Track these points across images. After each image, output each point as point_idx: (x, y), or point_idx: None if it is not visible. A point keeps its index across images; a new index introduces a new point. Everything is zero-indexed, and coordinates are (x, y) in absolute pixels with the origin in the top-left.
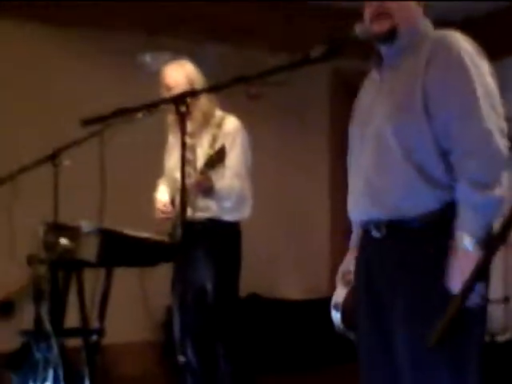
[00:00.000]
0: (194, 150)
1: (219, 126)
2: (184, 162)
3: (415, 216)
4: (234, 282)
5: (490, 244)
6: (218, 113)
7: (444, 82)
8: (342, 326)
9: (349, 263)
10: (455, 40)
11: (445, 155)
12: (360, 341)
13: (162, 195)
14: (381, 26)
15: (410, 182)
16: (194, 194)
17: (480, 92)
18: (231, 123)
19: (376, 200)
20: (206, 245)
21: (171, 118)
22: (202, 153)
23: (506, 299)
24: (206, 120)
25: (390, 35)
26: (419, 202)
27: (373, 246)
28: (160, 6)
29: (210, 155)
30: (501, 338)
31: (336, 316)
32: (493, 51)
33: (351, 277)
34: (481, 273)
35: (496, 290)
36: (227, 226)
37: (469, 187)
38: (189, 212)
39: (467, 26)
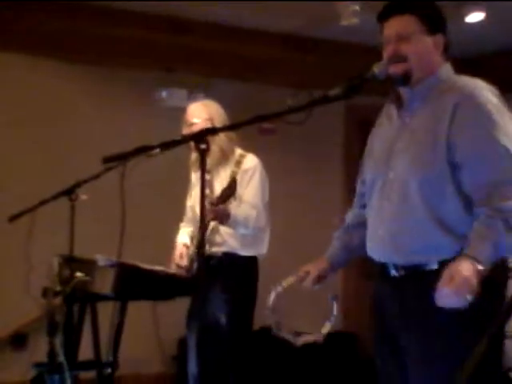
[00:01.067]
0: (211, 185)
1: (239, 163)
2: (204, 198)
3: (433, 262)
4: (247, 316)
5: None
6: (238, 151)
7: (473, 137)
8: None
9: (317, 267)
10: (480, 91)
11: (467, 206)
12: (379, 368)
13: (182, 238)
14: (396, 69)
15: (429, 234)
16: (208, 221)
17: (510, 144)
18: (250, 161)
19: (395, 247)
20: (221, 279)
21: (194, 156)
22: (219, 189)
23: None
24: (225, 156)
25: (404, 78)
26: (437, 252)
27: (390, 284)
28: (176, 43)
29: (222, 189)
30: None
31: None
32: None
33: (308, 276)
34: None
35: (510, 324)
36: (243, 260)
37: (504, 230)
38: (206, 247)
39: (479, 63)
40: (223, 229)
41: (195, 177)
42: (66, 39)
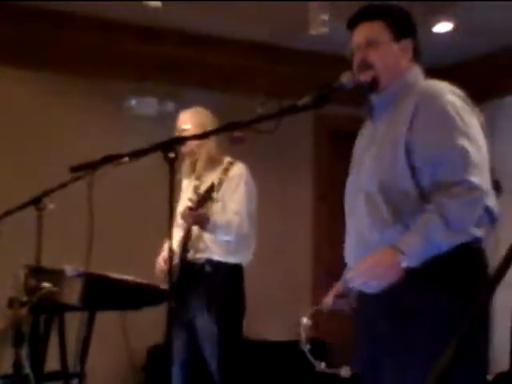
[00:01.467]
0: (198, 191)
1: (226, 170)
2: (172, 208)
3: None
4: (235, 324)
5: (487, 286)
6: (227, 159)
7: (431, 138)
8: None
9: (336, 287)
10: (440, 93)
11: None
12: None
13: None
14: (364, 76)
15: (396, 238)
16: (189, 226)
17: (467, 143)
18: (238, 169)
19: (366, 254)
20: (205, 286)
21: (186, 163)
22: None
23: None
24: (212, 163)
25: (372, 85)
26: None
27: (367, 293)
28: (146, 52)
29: (201, 193)
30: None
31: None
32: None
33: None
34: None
35: None
36: (227, 268)
37: (441, 226)
38: (190, 253)
39: (453, 71)
40: (207, 235)
41: (186, 183)
42: (33, 48)
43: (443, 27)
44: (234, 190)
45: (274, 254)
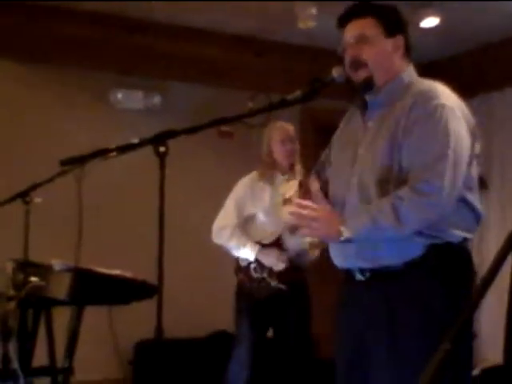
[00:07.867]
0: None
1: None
2: (163, 202)
3: (398, 263)
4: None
5: (476, 289)
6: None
7: (414, 135)
8: None
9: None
10: (432, 96)
11: None
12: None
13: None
14: (357, 75)
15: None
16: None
17: (446, 146)
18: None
19: (361, 252)
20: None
21: (261, 170)
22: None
23: (473, 335)
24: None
25: (366, 85)
26: (402, 252)
27: (356, 287)
28: (133, 44)
29: None
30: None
31: None
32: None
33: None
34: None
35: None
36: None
37: (392, 217)
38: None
39: (431, 69)
40: None
41: (263, 185)
42: (19, 40)
43: (430, 22)
44: None
45: None
